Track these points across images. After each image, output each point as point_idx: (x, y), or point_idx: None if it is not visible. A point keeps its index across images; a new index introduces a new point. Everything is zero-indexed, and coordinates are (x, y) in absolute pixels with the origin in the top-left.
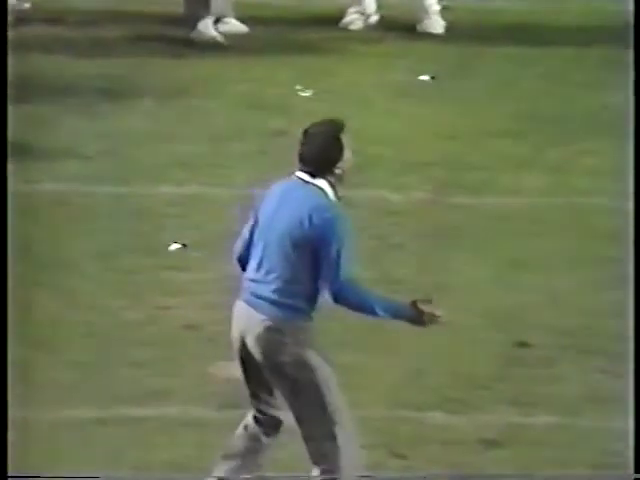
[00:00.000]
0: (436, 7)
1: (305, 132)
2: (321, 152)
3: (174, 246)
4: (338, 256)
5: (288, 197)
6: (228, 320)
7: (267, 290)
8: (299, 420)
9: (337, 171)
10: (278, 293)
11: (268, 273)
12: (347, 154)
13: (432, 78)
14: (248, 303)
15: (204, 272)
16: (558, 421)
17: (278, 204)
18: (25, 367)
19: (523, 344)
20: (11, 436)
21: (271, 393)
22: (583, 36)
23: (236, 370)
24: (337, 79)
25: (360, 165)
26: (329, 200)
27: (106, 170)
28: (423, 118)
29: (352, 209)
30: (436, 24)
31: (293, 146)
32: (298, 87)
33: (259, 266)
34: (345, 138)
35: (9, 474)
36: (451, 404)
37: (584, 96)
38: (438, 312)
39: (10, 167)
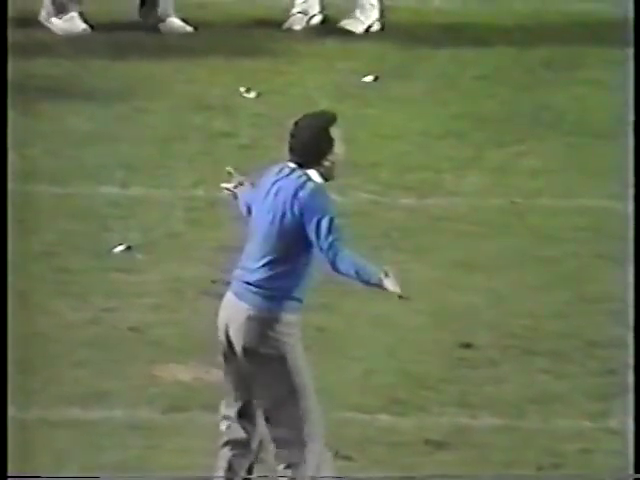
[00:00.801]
0: (368, 6)
1: (295, 123)
2: (309, 144)
3: (119, 248)
4: (328, 224)
5: (276, 186)
6: (172, 322)
7: (254, 278)
8: (269, 419)
9: (326, 163)
10: (265, 282)
11: (257, 261)
12: (337, 147)
13: (375, 79)
14: (235, 293)
15: (149, 274)
16: (503, 422)
17: (267, 193)
18: None
19: (468, 345)
20: None
21: (250, 394)
22: (524, 36)
23: (182, 373)
24: (281, 80)
25: None
26: (313, 181)
27: (49, 170)
28: (367, 119)
29: None
30: (357, 23)
31: (237, 147)
32: (242, 88)
33: (250, 255)
34: (336, 131)
35: (9, 474)
36: (397, 406)
37: (525, 97)
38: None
39: None
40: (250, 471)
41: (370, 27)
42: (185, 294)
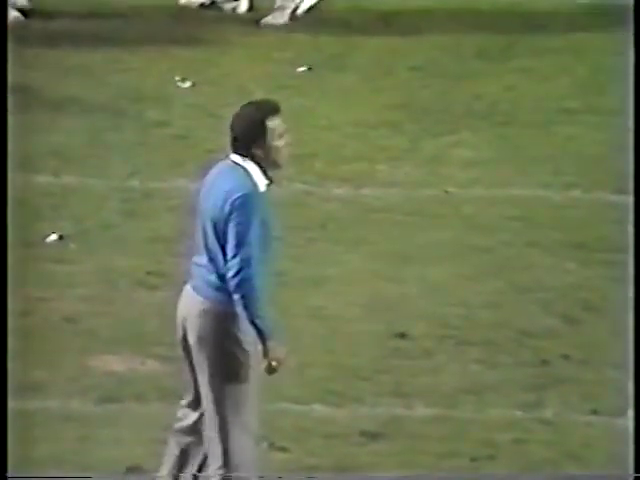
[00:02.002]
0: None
1: (235, 114)
2: (241, 135)
3: (51, 237)
4: (238, 238)
5: (216, 180)
6: (106, 313)
7: (206, 273)
8: (210, 414)
9: (258, 153)
10: (215, 277)
11: (203, 256)
12: (272, 140)
13: (309, 69)
14: (192, 286)
15: (81, 264)
16: (437, 413)
17: (209, 187)
18: None
19: (402, 335)
20: None
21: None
22: (457, 25)
23: (116, 364)
24: (216, 70)
25: None
26: (247, 183)
27: None
28: (301, 110)
29: None
30: (278, 15)
31: (172, 137)
32: (177, 78)
33: (199, 250)
34: (275, 122)
35: (9, 474)
36: (332, 396)
37: (458, 87)
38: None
39: None
40: (201, 467)
41: (295, 11)
42: (119, 285)
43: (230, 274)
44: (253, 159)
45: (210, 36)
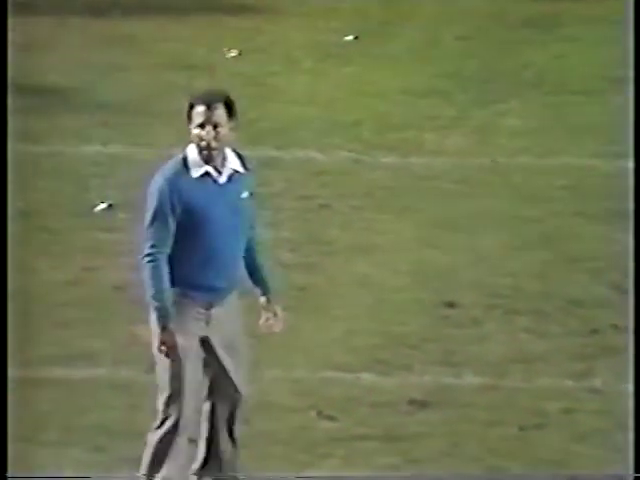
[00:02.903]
0: None
1: None
2: None
3: (100, 206)
4: (145, 222)
5: None
6: None
7: None
8: None
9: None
10: None
11: None
12: (192, 127)
13: (356, 38)
14: None
15: (130, 233)
16: (486, 381)
17: None
18: None
19: (450, 304)
20: None
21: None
22: None
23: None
24: (264, 39)
25: (285, 125)
26: (172, 169)
27: (29, 129)
28: (349, 78)
29: (277, 170)
30: None
31: None
32: (224, 47)
33: None
34: (196, 110)
35: (9, 474)
36: (380, 365)
37: (506, 55)
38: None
39: None
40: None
41: None
42: None
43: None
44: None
45: (258, 4)
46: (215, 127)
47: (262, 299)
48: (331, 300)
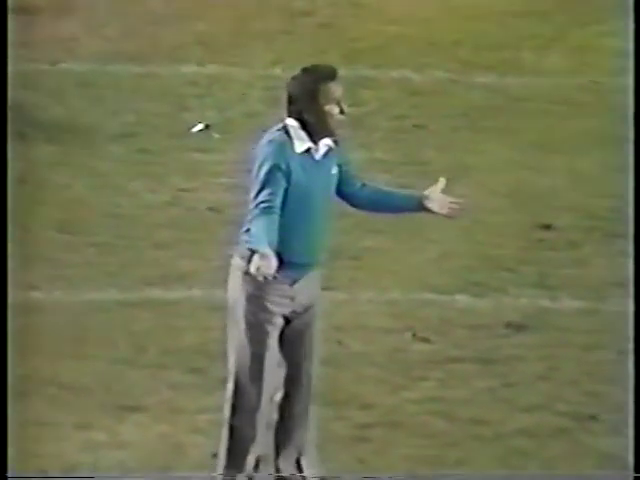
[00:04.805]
0: None
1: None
2: (293, 97)
3: (197, 127)
4: (255, 179)
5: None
6: (249, 203)
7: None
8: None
9: (309, 117)
10: None
11: None
12: (324, 104)
13: None
14: None
15: (226, 154)
16: (583, 305)
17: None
18: (44, 247)
19: (547, 226)
20: (38, 318)
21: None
22: None
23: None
24: None
25: (382, 44)
26: (277, 138)
27: (127, 50)
28: None
29: (372, 89)
30: None
31: (316, 26)
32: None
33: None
34: (327, 87)
35: (9, 474)
36: (476, 287)
37: None
38: None
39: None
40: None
41: None
42: None
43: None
44: (303, 123)
45: None
46: (339, 103)
47: (425, 199)
48: (426, 222)
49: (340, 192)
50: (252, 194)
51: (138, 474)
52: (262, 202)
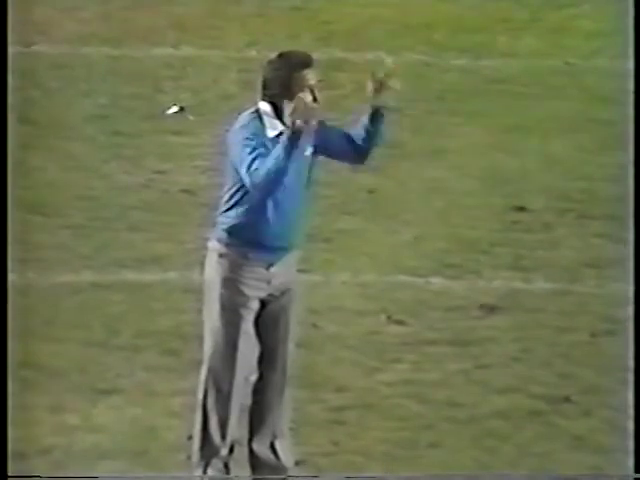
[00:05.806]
0: None
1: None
2: (267, 83)
3: (172, 109)
4: (237, 154)
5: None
6: (224, 185)
7: None
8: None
9: (283, 103)
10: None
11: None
12: (298, 91)
13: None
14: None
15: (200, 136)
16: (557, 287)
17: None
18: (17, 229)
19: (521, 208)
20: (11, 300)
21: None
22: None
23: None
24: None
25: (356, 27)
26: (250, 123)
27: (102, 32)
28: None
29: (346, 72)
30: None
31: (292, 9)
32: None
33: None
34: (300, 74)
35: (9, 474)
36: (450, 269)
37: None
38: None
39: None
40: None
41: None
42: None
43: (247, 181)
44: (276, 107)
45: None
46: (312, 90)
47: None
48: (401, 204)
49: (349, 157)
50: (231, 179)
51: (113, 458)
52: (250, 163)
